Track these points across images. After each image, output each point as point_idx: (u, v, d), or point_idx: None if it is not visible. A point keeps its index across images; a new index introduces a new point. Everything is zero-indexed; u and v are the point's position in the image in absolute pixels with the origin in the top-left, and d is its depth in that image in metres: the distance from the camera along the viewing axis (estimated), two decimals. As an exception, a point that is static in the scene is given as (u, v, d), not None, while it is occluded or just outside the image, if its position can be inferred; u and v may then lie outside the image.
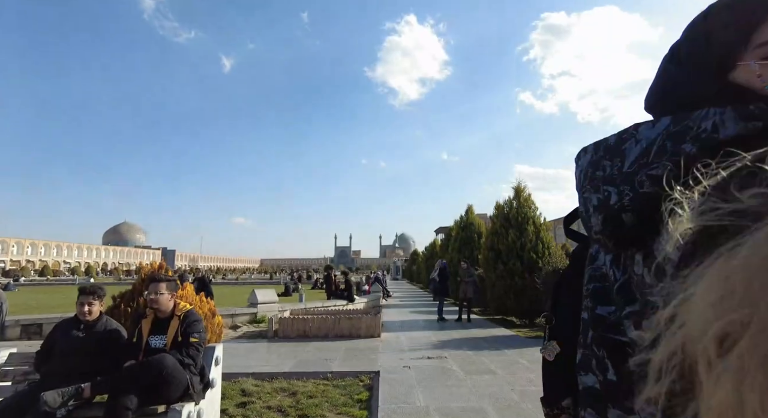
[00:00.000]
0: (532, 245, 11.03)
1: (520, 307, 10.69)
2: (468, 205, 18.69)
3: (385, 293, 19.10)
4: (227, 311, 10.36)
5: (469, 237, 17.23)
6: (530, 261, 10.75)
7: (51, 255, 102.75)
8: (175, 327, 3.06)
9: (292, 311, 10.16)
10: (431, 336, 8.53)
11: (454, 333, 8.97)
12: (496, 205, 12.40)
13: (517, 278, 10.72)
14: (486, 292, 11.93)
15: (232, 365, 5.99)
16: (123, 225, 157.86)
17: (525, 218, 11.53)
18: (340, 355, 6.63)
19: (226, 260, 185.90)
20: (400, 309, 14.85)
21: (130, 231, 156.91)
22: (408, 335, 8.74)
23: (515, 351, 6.80)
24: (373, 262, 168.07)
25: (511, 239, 11.20)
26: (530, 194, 12.07)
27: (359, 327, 8.18)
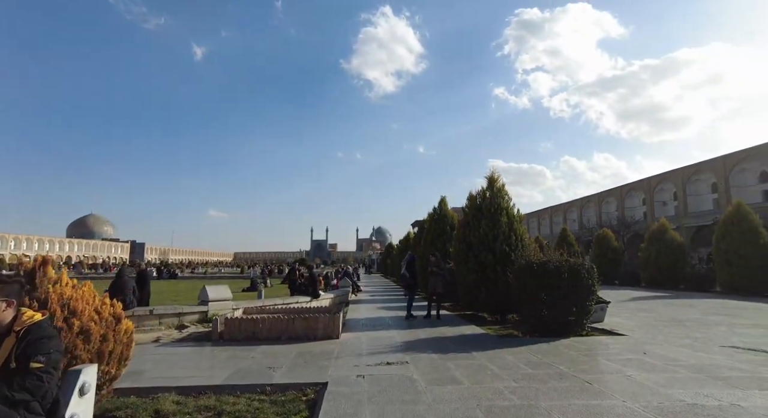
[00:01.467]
0: (505, 237, 10.44)
1: (492, 302, 10.12)
2: (441, 197, 18.05)
3: (354, 288, 18.35)
4: (173, 309, 9.41)
5: (442, 229, 16.57)
6: (503, 254, 10.17)
7: (8, 248, 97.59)
8: (8, 348, 2.21)
9: (245, 309, 9.29)
10: (396, 336, 7.83)
11: (421, 332, 8.30)
12: (469, 196, 11.76)
13: (488, 271, 10.12)
14: (457, 286, 11.34)
15: (156, 376, 5.13)
16: (89, 217, 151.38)
17: (498, 208, 10.92)
18: (288, 362, 5.84)
19: (199, 253, 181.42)
20: (369, 305, 14.14)
21: (96, 223, 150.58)
22: (371, 335, 8.02)
23: (485, 354, 6.16)
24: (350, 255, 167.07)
25: (483, 231, 10.58)
26: (504, 185, 11.46)
27: (315, 328, 7.40)
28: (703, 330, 8.26)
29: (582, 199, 59.32)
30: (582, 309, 7.77)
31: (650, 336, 7.63)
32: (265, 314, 8.96)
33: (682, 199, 42.11)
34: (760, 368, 5.22)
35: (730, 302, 14.45)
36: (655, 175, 46.33)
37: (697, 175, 41.33)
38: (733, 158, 36.70)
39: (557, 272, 7.72)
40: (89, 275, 57.60)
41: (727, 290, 18.44)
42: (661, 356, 5.90)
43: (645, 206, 48.10)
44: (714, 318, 10.12)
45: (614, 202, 52.65)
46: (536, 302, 7.80)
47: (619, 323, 9.26)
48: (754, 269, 17.34)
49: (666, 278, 22.13)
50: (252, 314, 9.03)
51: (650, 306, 13.11)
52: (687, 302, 14.46)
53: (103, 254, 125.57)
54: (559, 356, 5.93)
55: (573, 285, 7.68)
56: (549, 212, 66.92)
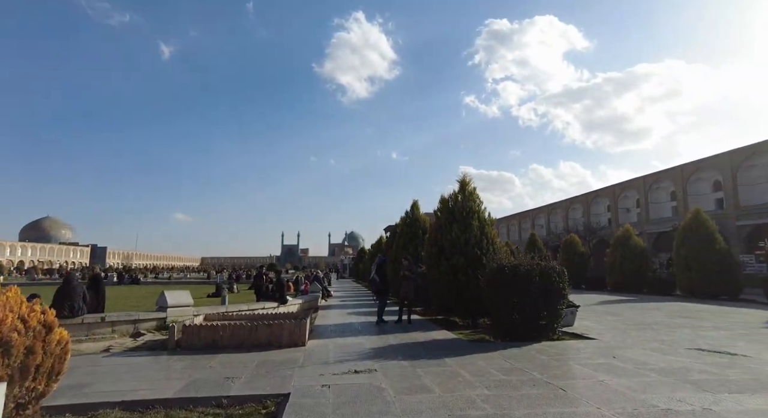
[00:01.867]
0: (477, 240, 10.36)
1: (464, 306, 10.01)
2: (413, 201, 17.96)
3: (324, 293, 17.93)
4: (128, 316, 8.81)
5: (414, 233, 16.45)
6: (474, 257, 10.08)
7: None
8: None
9: (206, 315, 8.79)
10: (365, 343, 7.54)
11: (392, 338, 8.05)
12: (441, 199, 11.65)
13: (460, 275, 10.00)
14: (429, 290, 11.19)
15: (100, 391, 4.67)
16: (45, 220, 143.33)
17: (470, 212, 10.85)
18: (248, 371, 5.46)
19: (164, 258, 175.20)
20: (339, 310, 13.79)
21: (53, 227, 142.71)
22: (339, 342, 7.70)
23: (456, 360, 5.96)
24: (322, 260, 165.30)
25: (455, 234, 10.47)
26: (475, 188, 11.42)
27: (280, 335, 7.03)
28: (670, 333, 8.37)
29: (549, 205, 60.73)
30: (553, 313, 7.73)
31: (620, 339, 7.65)
32: (227, 321, 8.50)
33: (644, 206, 43.67)
34: (727, 370, 5.24)
35: (690, 305, 14.91)
36: (619, 183, 47.92)
37: (657, 183, 42.97)
38: (690, 168, 38.37)
39: (528, 275, 7.66)
40: (43, 280, 54.43)
41: (686, 294, 19.10)
42: (631, 359, 5.87)
43: (610, 213, 49.63)
44: (678, 321, 10.34)
45: (580, 209, 54.14)
46: (507, 306, 7.70)
47: (589, 326, 9.30)
48: (711, 273, 18.04)
49: (630, 282, 22.78)
50: (213, 321, 8.54)
51: (617, 310, 13.34)
52: (651, 305, 14.82)
53: (61, 258, 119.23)
54: (531, 362, 5.81)
55: (544, 289, 7.63)
56: (518, 218, 68.20)
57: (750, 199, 31.61)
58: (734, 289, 17.95)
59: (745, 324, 9.69)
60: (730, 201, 32.99)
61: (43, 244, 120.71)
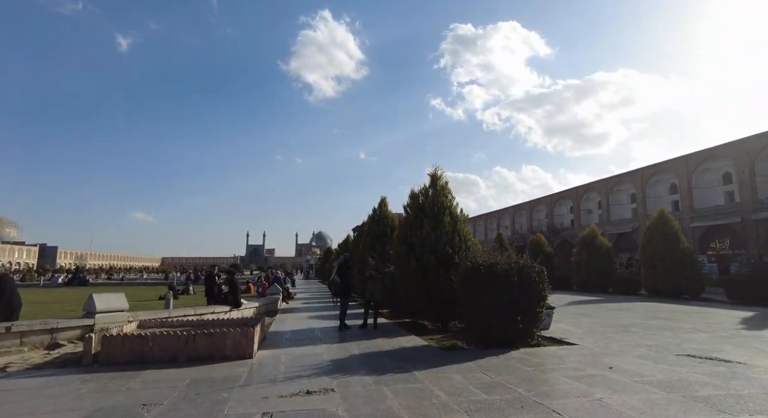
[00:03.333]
0: (449, 237, 9.61)
1: (434, 308, 9.24)
2: (382, 197, 17.11)
3: (285, 295, 16.78)
4: (44, 324, 7.47)
5: (382, 231, 15.60)
6: (446, 256, 9.33)
7: None
8: None
9: (142, 322, 7.58)
10: (324, 353, 6.59)
11: (354, 347, 7.14)
12: (411, 194, 10.84)
13: (430, 275, 9.23)
14: (397, 291, 10.38)
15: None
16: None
17: (441, 207, 10.10)
18: (175, 394, 4.40)
19: (123, 258, 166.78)
20: (300, 314, 12.73)
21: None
22: (294, 352, 6.71)
23: (428, 374, 5.12)
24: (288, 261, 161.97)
25: (425, 231, 9.69)
26: (447, 183, 10.69)
27: (223, 345, 5.97)
28: (651, 336, 7.88)
29: (514, 206, 61.52)
30: (532, 316, 7.05)
31: (603, 345, 7.06)
32: (165, 328, 7.34)
33: (605, 208, 44.71)
34: (731, 382, 4.66)
35: (658, 305, 14.80)
36: (582, 185, 48.94)
37: (618, 185, 44.08)
38: (649, 171, 39.51)
39: (506, 275, 6.95)
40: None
41: (651, 293, 19.21)
42: (623, 370, 5.22)
43: (573, 214, 50.64)
44: (655, 322, 9.96)
45: (544, 210, 55.02)
46: (483, 309, 6.96)
47: (566, 330, 8.73)
48: (675, 272, 18.17)
49: (596, 281, 22.84)
50: (149, 328, 7.36)
51: (590, 310, 12.97)
52: (621, 305, 14.60)
53: (4, 259, 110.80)
54: (513, 374, 5.05)
55: (523, 290, 6.94)
56: (483, 219, 68.75)
57: (703, 201, 32.73)
58: (697, 288, 18.16)
59: (721, 325, 9.40)
60: (685, 203, 34.09)
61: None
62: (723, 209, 30.26)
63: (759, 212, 26.63)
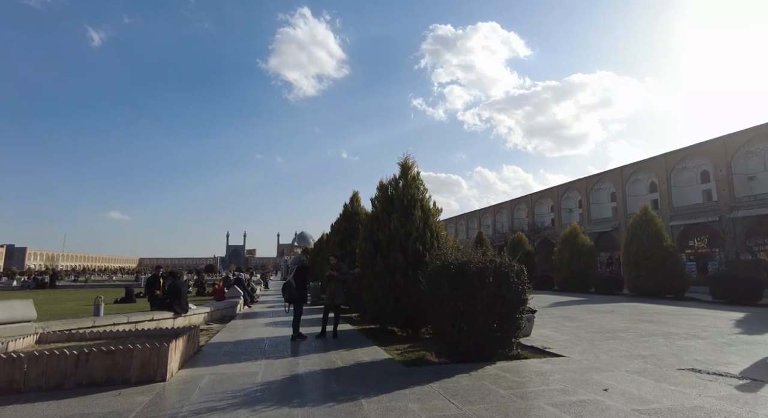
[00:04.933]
0: (419, 233, 8.57)
1: (402, 313, 8.17)
2: (354, 192, 15.98)
3: (248, 298, 15.48)
4: None
5: (353, 228, 14.48)
6: (416, 254, 8.28)
7: None
8: None
9: (43, 336, 6.26)
10: (259, 372, 5.41)
11: (302, 362, 5.99)
12: (379, 185, 9.76)
13: (399, 275, 8.17)
14: (362, 295, 9.29)
15: None
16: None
17: (412, 200, 9.05)
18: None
19: (98, 259, 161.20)
20: (258, 320, 11.50)
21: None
22: (223, 371, 5.50)
23: (378, 403, 4.00)
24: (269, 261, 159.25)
25: (393, 226, 8.62)
26: (419, 173, 9.64)
27: (127, 366, 4.76)
28: (644, 345, 6.95)
29: (495, 206, 61.16)
30: (510, 323, 6.03)
31: (592, 356, 6.08)
32: (71, 343, 6.07)
33: (585, 207, 44.51)
34: (759, 408, 3.70)
35: (643, 305, 14.07)
36: (563, 184, 48.71)
37: (599, 184, 43.92)
38: (629, 170, 39.38)
39: (480, 275, 5.91)
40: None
41: (635, 293, 18.60)
42: (621, 392, 4.22)
43: (553, 213, 50.40)
44: (645, 327, 9.09)
45: (525, 209, 54.72)
46: (453, 315, 5.92)
47: (549, 336, 7.77)
48: (658, 271, 17.58)
49: (578, 281, 22.20)
50: (51, 343, 6.07)
51: (573, 313, 12.09)
52: (606, 307, 13.80)
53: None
54: (486, 401, 3.99)
55: (499, 292, 5.93)
56: (465, 218, 68.25)
57: (681, 200, 32.62)
58: (681, 287, 17.59)
59: (717, 330, 8.58)
60: (665, 202, 33.93)
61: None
62: (701, 207, 30.12)
63: (736, 210, 26.46)
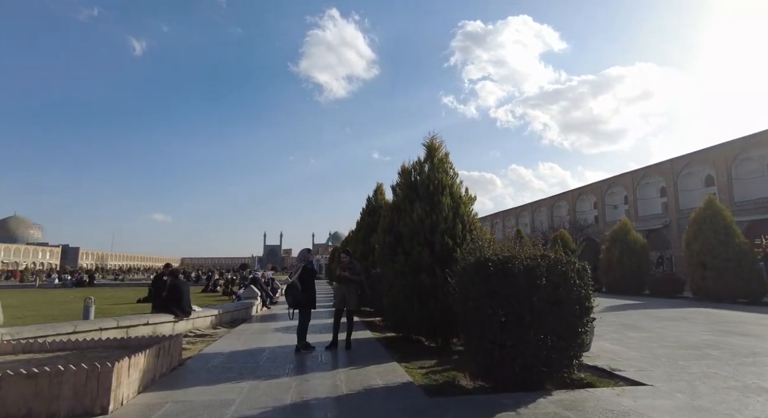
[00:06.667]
0: (448, 224, 7.12)
1: (428, 319, 6.76)
2: (378, 184, 14.69)
3: (266, 299, 14.45)
4: None
5: (377, 223, 13.17)
6: (444, 249, 6.84)
7: None
8: None
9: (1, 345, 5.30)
10: (238, 400, 4.15)
11: (294, 387, 4.68)
12: (401, 170, 8.40)
13: (424, 275, 6.76)
14: (382, 297, 7.96)
15: None
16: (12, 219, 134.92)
17: (439, 186, 7.62)
18: None
19: (143, 258, 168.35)
20: (268, 325, 10.36)
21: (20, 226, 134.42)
22: (192, 397, 4.27)
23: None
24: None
25: (417, 217, 7.22)
26: (448, 155, 8.19)
27: (54, 394, 3.62)
28: (753, 371, 5.19)
29: (534, 203, 58.38)
30: (570, 338, 4.52)
31: (684, 386, 4.45)
32: (27, 356, 5.05)
33: (632, 203, 41.37)
34: None
35: (718, 312, 11.97)
36: (606, 179, 45.60)
37: (646, 179, 40.71)
38: (680, 162, 36.12)
39: (529, 275, 4.44)
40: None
41: (700, 296, 16.28)
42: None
43: (596, 210, 47.34)
44: (735, 341, 7.24)
45: (566, 206, 51.78)
46: (491, 326, 4.49)
47: (613, 352, 6.15)
48: (729, 272, 15.24)
49: (629, 282, 19.95)
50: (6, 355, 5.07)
51: (633, 320, 10.26)
52: (673, 313, 11.81)
53: (28, 259, 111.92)
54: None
55: (556, 297, 4.44)
56: (501, 217, 65.58)
57: (745, 194, 29.40)
58: (758, 291, 15.15)
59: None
60: (725, 196, 30.63)
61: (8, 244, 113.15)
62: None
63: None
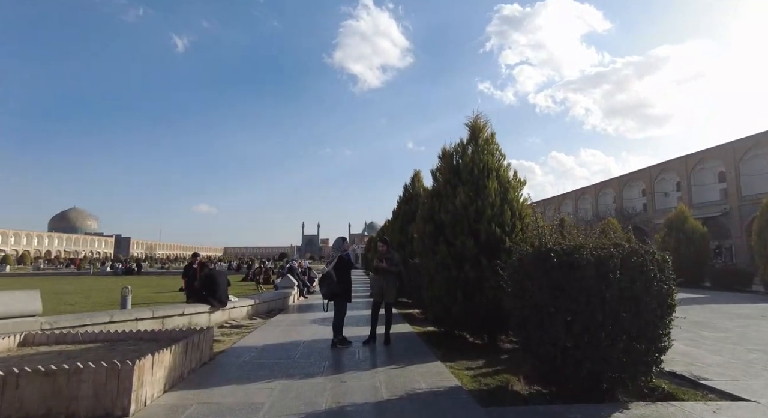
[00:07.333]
0: (495, 211, 6.47)
1: (472, 315, 6.18)
2: (415, 171, 14.09)
3: (302, 289, 14.28)
4: None
5: (414, 211, 12.61)
6: (491, 238, 6.21)
7: None
8: None
9: (28, 336, 5.16)
10: (268, 403, 3.76)
11: (331, 387, 4.25)
12: (441, 152, 7.77)
13: (468, 266, 6.17)
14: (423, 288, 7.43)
15: None
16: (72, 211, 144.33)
17: (484, 169, 6.94)
18: None
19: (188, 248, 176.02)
20: (304, 315, 10.09)
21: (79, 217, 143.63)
22: (219, 398, 3.93)
23: None
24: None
25: (460, 203, 6.60)
26: (494, 134, 7.48)
27: (73, 394, 3.34)
28: None
29: (577, 191, 55.84)
30: (649, 342, 3.84)
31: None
32: (58, 347, 4.89)
33: (686, 189, 38.59)
34: None
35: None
36: (657, 164, 42.75)
37: (702, 163, 37.81)
38: (743, 145, 33.20)
39: (600, 268, 3.78)
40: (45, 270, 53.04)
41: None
42: None
43: (645, 197, 44.62)
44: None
45: (612, 194, 49.16)
46: (554, 327, 3.87)
47: (691, 355, 5.36)
48: (809, 263, 13.69)
49: (687, 274, 18.42)
50: (33, 346, 4.93)
51: (702, 316, 9.24)
52: (747, 310, 10.63)
53: (86, 248, 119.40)
54: None
55: (632, 293, 3.76)
56: (541, 205, 63.27)
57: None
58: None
59: None
60: (793, 180, 27.95)
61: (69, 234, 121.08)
62: None
63: None
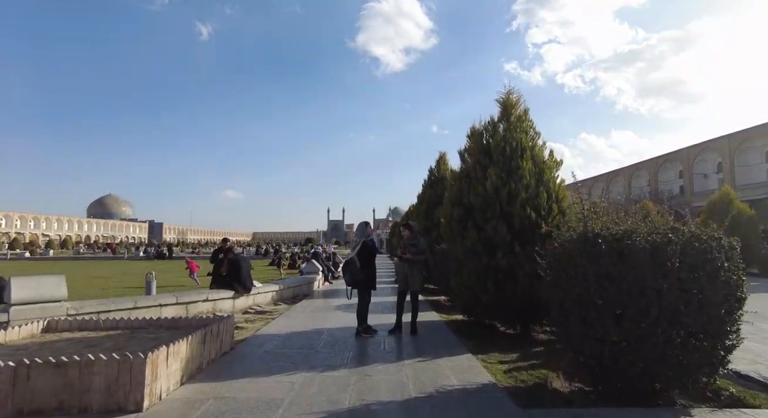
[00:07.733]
0: (530, 194, 6.00)
1: (504, 305, 5.79)
2: (440, 154, 13.59)
3: (327, 274, 14.15)
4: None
5: (440, 195, 12.17)
6: (525, 222, 5.77)
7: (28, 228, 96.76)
8: None
9: (51, 322, 5.10)
10: (287, 399, 3.53)
11: (354, 382, 3.98)
12: (470, 131, 7.29)
13: (500, 253, 5.76)
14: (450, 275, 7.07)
15: None
16: (108, 197, 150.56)
17: (517, 148, 6.45)
18: None
19: (218, 233, 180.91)
20: (329, 301, 9.92)
21: (115, 204, 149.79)
22: (236, 393, 3.72)
23: None
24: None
25: (491, 185, 6.16)
26: (527, 111, 6.93)
27: (86, 387, 3.19)
28: None
29: (609, 173, 53.69)
30: (714, 340, 3.39)
31: None
32: (80, 334, 4.81)
33: (728, 170, 36.41)
34: None
35: None
36: (696, 144, 40.42)
37: (748, 142, 35.50)
38: (795, 121, 30.92)
39: (656, 255, 3.33)
40: (84, 254, 55.47)
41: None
42: None
43: (682, 179, 42.48)
44: None
45: (645, 176, 47.03)
46: (600, 321, 3.46)
47: (756, 351, 4.87)
48: None
49: (732, 260, 17.39)
50: (55, 333, 4.86)
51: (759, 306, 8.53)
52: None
53: (122, 233, 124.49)
54: None
55: (693, 285, 3.30)
56: (571, 189, 61.33)
57: None
58: None
59: None
60: None
61: (106, 220, 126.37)
62: None
63: None
